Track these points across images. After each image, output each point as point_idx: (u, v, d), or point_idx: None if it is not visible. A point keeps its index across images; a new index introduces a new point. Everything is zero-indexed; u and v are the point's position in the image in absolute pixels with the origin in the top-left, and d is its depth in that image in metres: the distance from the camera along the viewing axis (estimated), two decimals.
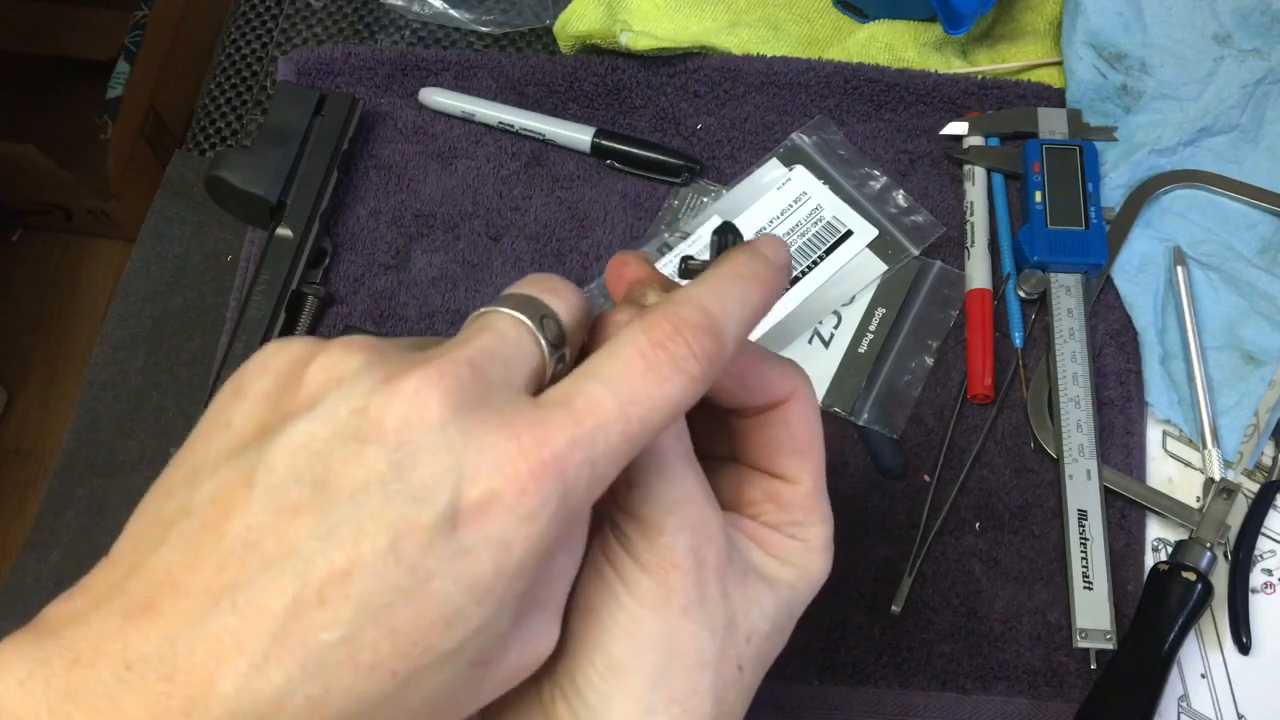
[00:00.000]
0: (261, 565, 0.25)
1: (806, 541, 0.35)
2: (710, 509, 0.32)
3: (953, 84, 0.70)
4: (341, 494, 0.25)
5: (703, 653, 0.32)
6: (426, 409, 0.26)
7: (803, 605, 0.35)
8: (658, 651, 0.31)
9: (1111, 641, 0.56)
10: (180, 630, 0.24)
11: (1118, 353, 0.64)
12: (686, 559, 0.31)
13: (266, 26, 0.77)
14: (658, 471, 0.31)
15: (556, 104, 0.71)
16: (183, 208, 0.70)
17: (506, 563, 0.26)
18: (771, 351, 0.36)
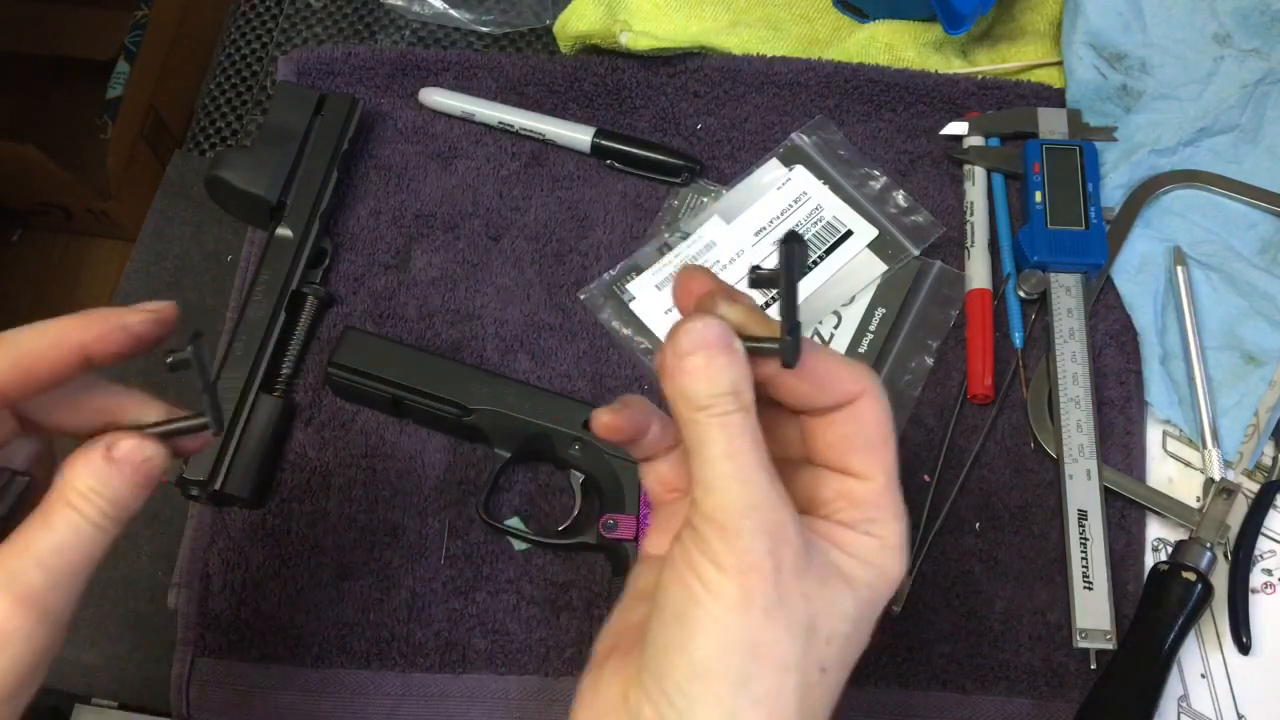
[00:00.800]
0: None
1: (883, 539, 0.36)
2: (786, 512, 0.33)
3: (953, 84, 0.70)
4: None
5: (785, 655, 0.32)
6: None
7: (882, 604, 0.36)
8: (741, 654, 0.32)
9: (1111, 641, 0.56)
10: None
11: (1118, 353, 0.64)
12: (765, 561, 0.32)
13: (266, 26, 0.77)
14: (734, 477, 0.33)
15: (556, 104, 0.71)
16: (183, 208, 0.70)
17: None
18: (840, 354, 0.38)
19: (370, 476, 0.61)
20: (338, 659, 0.57)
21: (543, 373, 0.63)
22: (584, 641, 0.58)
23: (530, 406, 0.59)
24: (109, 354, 0.38)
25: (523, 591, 0.59)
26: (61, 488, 0.36)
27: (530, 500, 0.61)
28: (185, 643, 0.58)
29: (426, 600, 0.58)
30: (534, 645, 0.58)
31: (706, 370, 0.33)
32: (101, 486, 0.37)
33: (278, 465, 0.61)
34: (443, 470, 0.61)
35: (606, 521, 0.57)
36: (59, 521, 0.36)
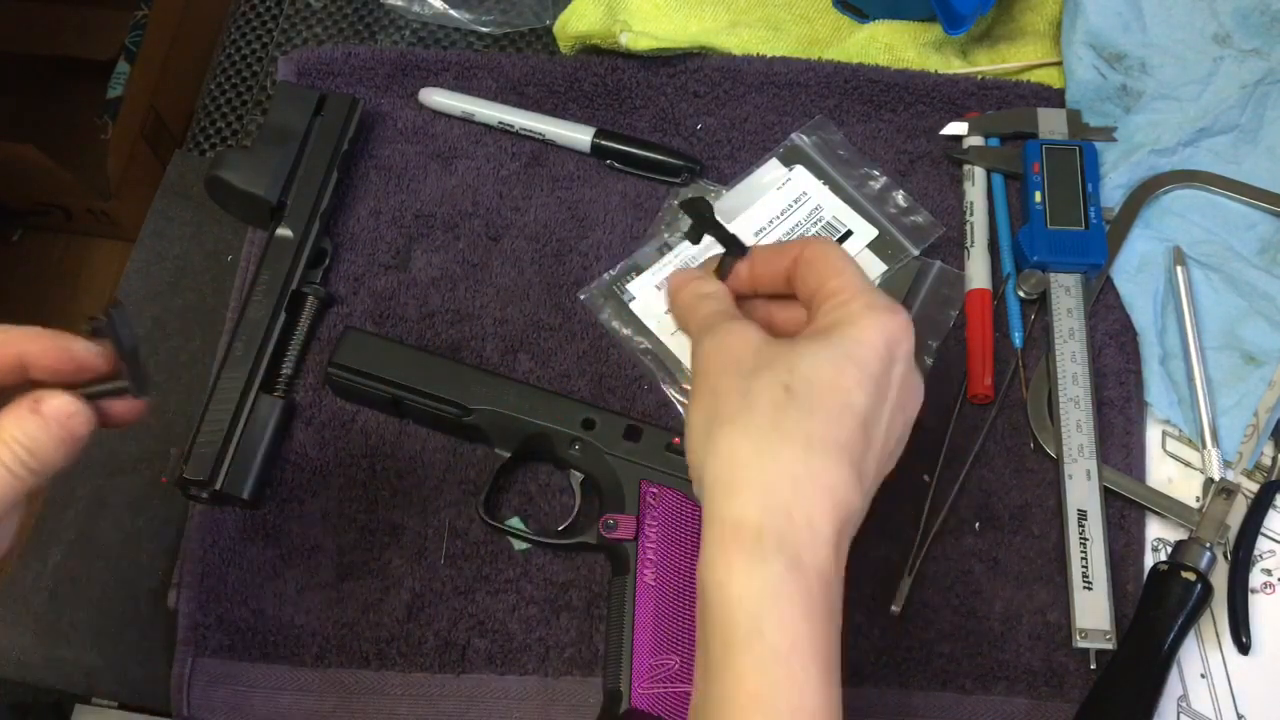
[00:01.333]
0: None
1: (847, 304, 0.45)
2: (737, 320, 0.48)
3: (952, 84, 0.70)
4: None
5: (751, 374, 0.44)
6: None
7: (861, 352, 0.44)
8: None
9: (1111, 641, 0.56)
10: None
11: (1117, 353, 0.64)
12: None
13: (266, 27, 0.77)
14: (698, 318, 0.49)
15: (556, 104, 0.71)
16: (183, 208, 0.70)
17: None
18: (781, 244, 0.51)
19: (370, 476, 0.61)
20: (338, 659, 0.57)
21: (543, 373, 0.63)
22: (584, 641, 0.58)
23: (530, 406, 0.59)
24: (47, 369, 0.41)
25: (523, 591, 0.59)
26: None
27: (530, 500, 0.61)
28: (185, 643, 0.58)
29: (426, 600, 0.59)
30: (534, 645, 0.58)
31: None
32: (23, 436, 0.39)
33: (277, 465, 0.61)
34: (443, 470, 0.61)
35: (606, 521, 0.57)
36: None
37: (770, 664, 0.39)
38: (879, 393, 0.44)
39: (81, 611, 0.60)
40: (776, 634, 0.40)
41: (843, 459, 0.42)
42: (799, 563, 0.40)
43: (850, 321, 0.44)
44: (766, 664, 0.39)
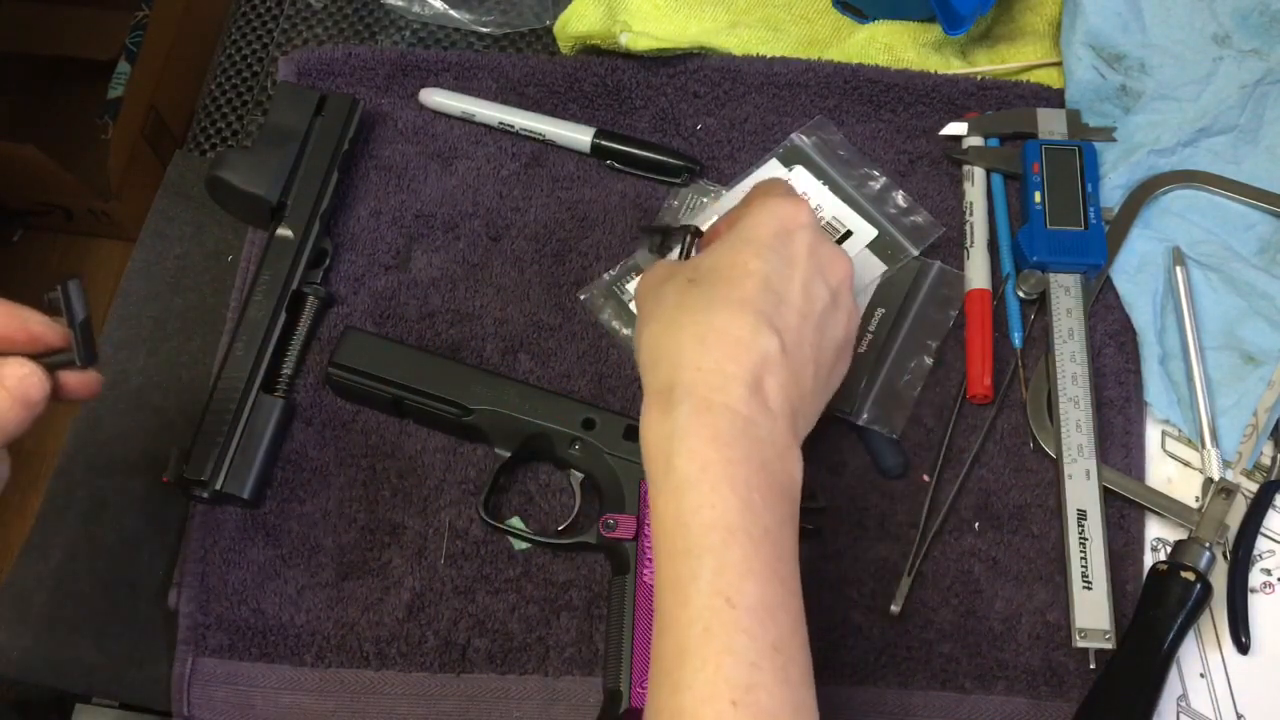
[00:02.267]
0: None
1: (747, 204, 0.52)
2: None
3: (952, 84, 0.70)
4: None
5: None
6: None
7: (753, 232, 0.49)
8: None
9: (1111, 641, 0.56)
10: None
11: (1117, 353, 0.64)
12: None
13: (267, 27, 0.77)
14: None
15: (556, 104, 0.71)
16: (183, 208, 0.70)
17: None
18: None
19: (370, 476, 0.61)
20: (338, 659, 0.58)
21: (543, 373, 0.63)
22: (584, 641, 0.58)
23: (530, 406, 0.59)
24: (2, 339, 0.44)
25: (523, 591, 0.59)
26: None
27: (530, 500, 0.61)
28: (185, 643, 0.58)
29: (426, 600, 0.59)
30: (534, 645, 0.58)
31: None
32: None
33: (277, 465, 0.61)
34: (443, 470, 0.61)
35: (606, 521, 0.57)
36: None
37: (682, 489, 0.43)
38: (781, 259, 0.48)
39: (81, 611, 0.60)
40: (684, 462, 0.43)
41: (745, 310, 0.46)
42: (708, 404, 0.44)
43: (744, 215, 0.50)
44: (679, 490, 0.43)
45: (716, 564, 0.41)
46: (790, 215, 0.49)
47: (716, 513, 0.42)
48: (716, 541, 0.42)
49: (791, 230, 0.49)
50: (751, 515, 0.42)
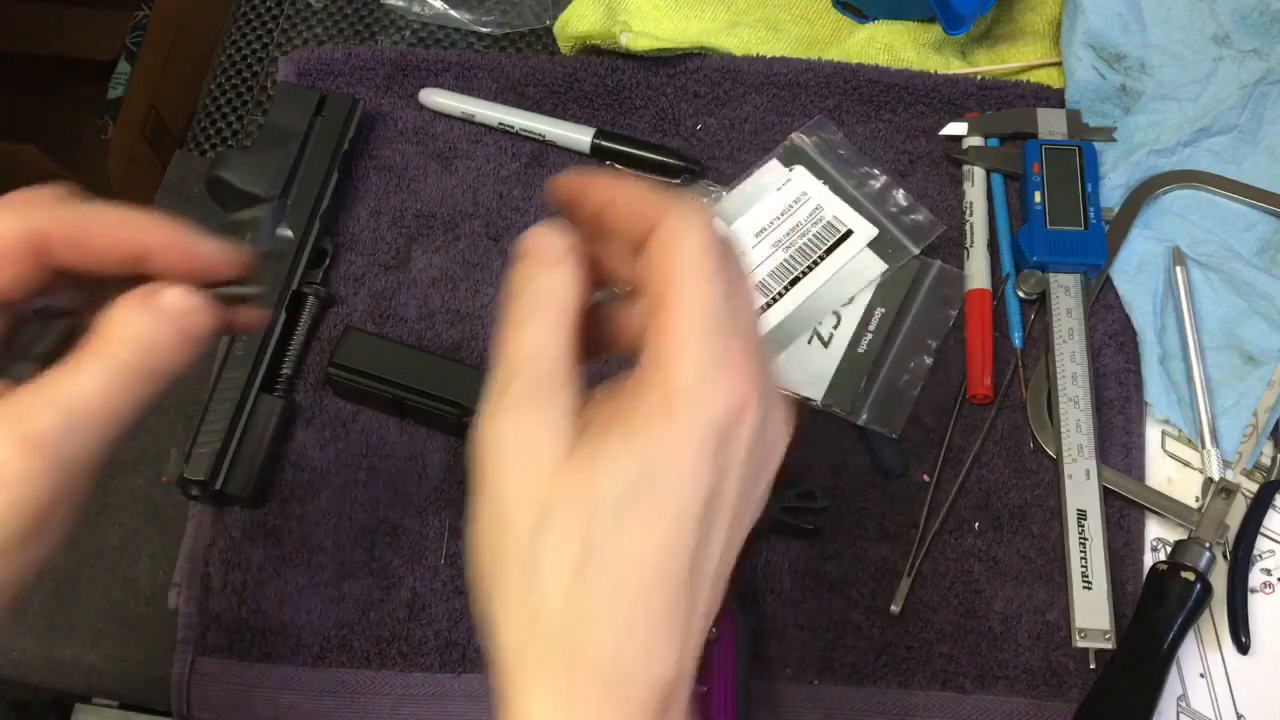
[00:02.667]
0: None
1: (666, 381, 0.32)
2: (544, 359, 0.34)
3: (952, 84, 0.70)
4: None
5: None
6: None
7: (680, 480, 0.31)
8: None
9: (1111, 641, 0.56)
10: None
11: (1117, 353, 0.64)
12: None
13: (267, 27, 0.77)
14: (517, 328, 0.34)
15: (556, 104, 0.71)
16: (183, 208, 0.70)
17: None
18: (651, 189, 0.36)
19: (370, 476, 0.61)
20: (338, 659, 0.58)
21: None
22: None
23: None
24: (166, 265, 0.36)
25: None
26: (98, 332, 0.34)
27: None
28: (185, 643, 0.58)
29: (426, 600, 0.59)
30: None
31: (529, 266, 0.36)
32: (138, 334, 0.35)
33: (278, 465, 0.61)
34: (443, 470, 0.61)
35: None
36: (87, 365, 0.34)
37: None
38: (710, 516, 0.32)
39: (81, 611, 0.60)
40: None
41: (657, 641, 0.32)
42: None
43: (666, 417, 0.31)
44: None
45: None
46: (731, 421, 0.32)
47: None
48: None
49: (733, 431, 0.32)
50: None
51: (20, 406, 0.33)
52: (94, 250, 0.35)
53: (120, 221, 0.36)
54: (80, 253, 0.35)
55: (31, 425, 0.32)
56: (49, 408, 0.33)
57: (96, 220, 0.36)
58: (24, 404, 0.33)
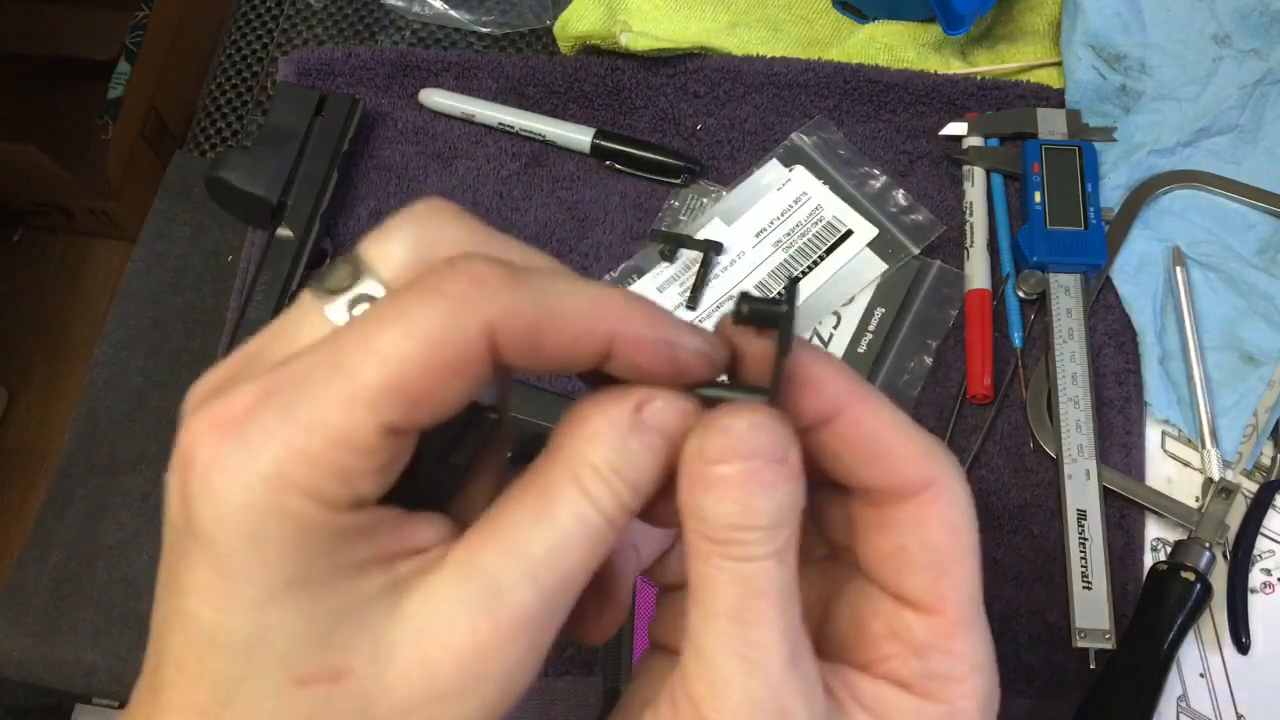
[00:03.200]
0: None
1: (951, 703, 0.28)
2: (803, 709, 0.24)
3: (952, 85, 0.70)
4: None
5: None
6: None
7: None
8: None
9: (1111, 641, 0.56)
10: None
11: (1117, 353, 0.64)
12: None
13: (267, 27, 0.77)
14: (740, 655, 0.24)
15: (556, 105, 0.71)
16: (183, 208, 0.70)
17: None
18: (915, 424, 0.27)
19: None
20: None
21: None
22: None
23: (530, 406, 0.59)
24: (632, 365, 0.26)
25: None
26: (566, 459, 0.25)
27: None
28: None
29: None
30: None
31: (743, 489, 0.24)
32: (625, 463, 0.25)
33: None
34: None
35: None
36: (564, 511, 0.24)
37: None
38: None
39: (81, 611, 0.60)
40: None
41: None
42: None
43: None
44: None
45: None
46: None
47: None
48: None
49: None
50: None
51: (486, 575, 0.24)
52: (553, 350, 0.25)
53: (589, 308, 0.25)
54: (535, 352, 0.25)
55: (507, 603, 0.23)
56: (522, 579, 0.24)
57: (560, 307, 0.25)
58: (489, 571, 0.24)
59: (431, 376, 0.23)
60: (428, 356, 0.23)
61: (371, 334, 0.23)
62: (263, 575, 0.23)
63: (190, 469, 0.23)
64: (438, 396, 0.23)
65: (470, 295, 0.24)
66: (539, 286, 0.25)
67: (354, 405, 0.23)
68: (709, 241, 0.65)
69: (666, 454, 0.25)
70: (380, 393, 0.23)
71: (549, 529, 0.24)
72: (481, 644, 0.23)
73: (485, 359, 0.24)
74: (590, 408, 0.26)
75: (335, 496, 0.23)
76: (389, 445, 0.23)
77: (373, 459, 0.23)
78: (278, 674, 0.23)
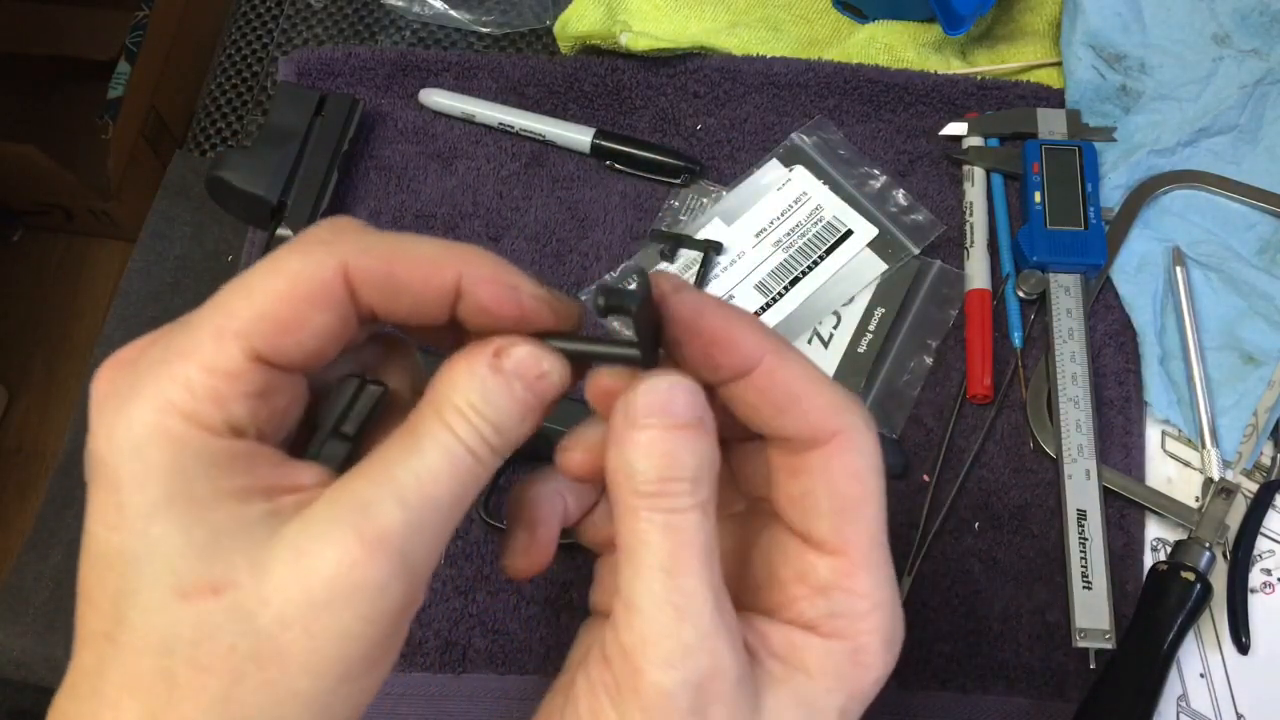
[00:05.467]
0: None
1: (853, 640, 0.29)
2: (727, 653, 0.27)
3: (952, 85, 0.70)
4: None
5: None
6: None
7: (858, 714, 0.29)
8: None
9: (1111, 641, 0.56)
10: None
11: (1117, 353, 0.64)
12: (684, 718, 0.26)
13: (267, 27, 0.77)
14: (667, 601, 0.26)
15: (556, 105, 0.71)
16: (183, 208, 0.70)
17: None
18: (825, 376, 0.30)
19: None
20: None
21: None
22: None
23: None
24: (480, 308, 0.29)
25: (523, 591, 0.59)
26: (434, 401, 0.28)
27: None
28: None
29: (427, 600, 0.58)
30: (534, 645, 0.58)
31: (668, 443, 0.27)
32: (485, 403, 0.28)
33: None
34: None
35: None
36: (428, 444, 0.27)
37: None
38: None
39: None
40: None
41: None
42: None
43: (855, 688, 0.31)
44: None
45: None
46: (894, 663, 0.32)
47: None
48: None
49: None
50: None
51: (355, 498, 0.26)
52: (407, 287, 0.28)
53: (436, 252, 0.29)
54: (391, 291, 0.28)
55: (375, 522, 0.26)
56: (389, 499, 0.26)
57: (408, 250, 0.28)
58: (359, 495, 0.26)
59: (292, 306, 0.27)
60: (288, 289, 0.27)
61: (246, 278, 0.27)
62: (147, 493, 0.25)
63: (92, 406, 0.27)
64: (300, 327, 0.27)
65: (328, 239, 0.28)
66: (392, 237, 0.29)
67: (224, 335, 0.27)
68: (709, 241, 0.65)
69: (526, 397, 0.29)
70: (248, 322, 0.27)
71: (415, 459, 0.27)
72: (351, 557, 0.25)
73: (342, 294, 0.28)
74: (457, 357, 0.29)
75: (211, 420, 0.26)
76: (259, 373, 0.27)
77: (242, 384, 0.26)
78: (163, 586, 0.25)
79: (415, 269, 0.28)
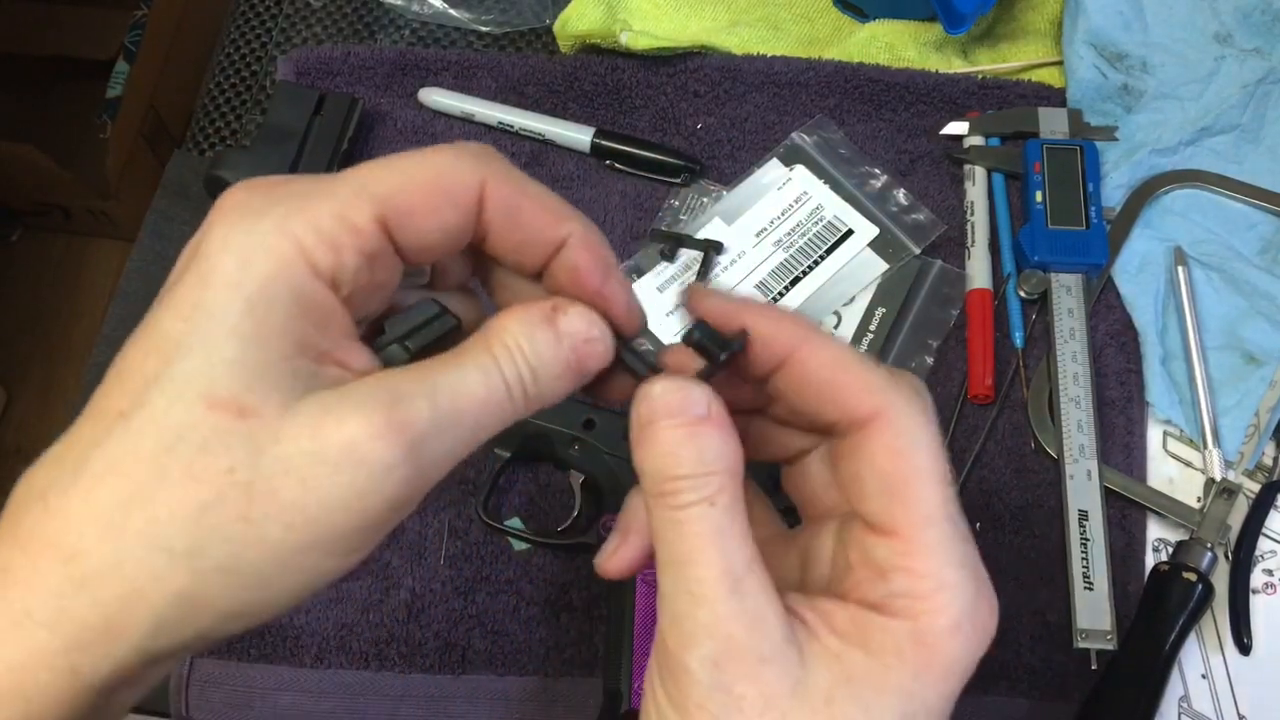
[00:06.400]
0: None
1: (919, 619, 0.28)
2: (746, 633, 0.27)
3: (953, 84, 0.70)
4: None
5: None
6: None
7: (947, 699, 0.28)
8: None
9: (1112, 642, 0.56)
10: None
11: (1118, 353, 0.64)
12: (718, 702, 0.27)
13: (266, 26, 0.77)
14: (695, 596, 0.27)
15: (556, 104, 0.71)
16: (182, 208, 0.70)
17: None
18: (863, 357, 0.30)
19: None
20: (338, 659, 0.57)
21: None
22: (584, 641, 0.58)
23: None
24: (574, 266, 0.31)
25: (523, 592, 0.59)
26: (485, 335, 0.30)
27: (530, 500, 0.61)
28: None
29: (426, 600, 0.58)
30: (534, 645, 0.58)
31: (666, 443, 0.29)
32: (531, 348, 0.29)
33: None
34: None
35: (607, 522, 0.57)
36: (471, 365, 0.29)
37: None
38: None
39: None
40: None
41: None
42: None
43: (929, 670, 0.28)
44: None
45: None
46: (987, 644, 0.29)
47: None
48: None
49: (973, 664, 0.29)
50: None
51: (391, 386, 0.28)
52: (528, 224, 0.30)
53: (560, 205, 0.31)
54: (511, 224, 0.30)
55: (402, 410, 0.27)
56: (422, 396, 0.28)
57: (540, 194, 0.31)
58: (395, 385, 0.28)
59: (431, 194, 0.30)
60: (433, 178, 0.30)
61: (397, 157, 0.30)
62: (231, 298, 0.26)
63: (215, 212, 0.28)
64: (430, 215, 0.29)
65: (478, 153, 0.30)
66: (529, 179, 0.31)
67: (363, 194, 0.29)
68: (709, 241, 0.65)
69: (569, 356, 0.30)
70: (388, 191, 0.29)
71: (454, 373, 0.28)
72: (371, 430, 0.26)
73: (474, 204, 0.30)
74: (516, 306, 0.30)
75: (321, 263, 0.27)
76: (377, 240, 0.29)
77: (360, 240, 0.28)
78: (197, 387, 0.26)
79: (540, 212, 0.31)
